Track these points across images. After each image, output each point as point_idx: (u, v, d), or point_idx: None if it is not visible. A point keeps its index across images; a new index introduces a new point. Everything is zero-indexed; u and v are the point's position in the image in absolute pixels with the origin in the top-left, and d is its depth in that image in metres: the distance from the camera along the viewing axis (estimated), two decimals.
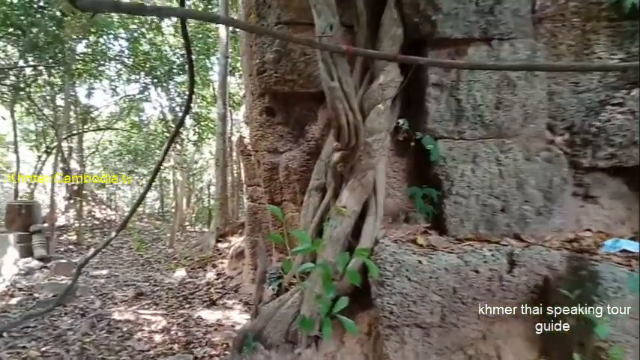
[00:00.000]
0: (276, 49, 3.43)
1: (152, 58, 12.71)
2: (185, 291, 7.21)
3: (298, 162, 3.73)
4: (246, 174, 7.49)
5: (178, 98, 14.00)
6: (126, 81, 14.65)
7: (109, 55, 12.92)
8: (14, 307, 6.21)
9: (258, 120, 4.17)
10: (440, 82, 2.84)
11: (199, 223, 20.80)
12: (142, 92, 14.72)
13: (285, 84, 3.51)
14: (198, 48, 11.43)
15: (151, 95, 15.38)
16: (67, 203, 16.26)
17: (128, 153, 19.59)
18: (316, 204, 3.18)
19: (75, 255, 11.33)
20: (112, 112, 17.24)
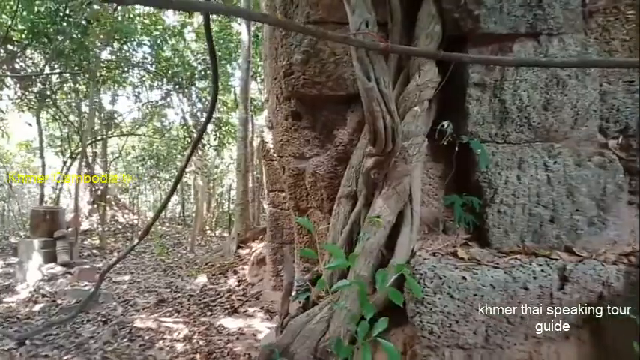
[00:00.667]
0: (305, 49, 3.27)
1: (174, 64, 12.73)
2: (206, 298, 7.09)
3: (326, 168, 3.55)
4: (268, 179, 7.36)
5: (200, 104, 14.02)
6: (149, 87, 14.72)
7: (132, 62, 12.99)
8: (37, 314, 6.17)
9: (283, 124, 4.02)
10: (482, 82, 2.64)
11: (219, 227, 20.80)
12: (164, 98, 14.78)
13: (314, 86, 3.34)
14: (220, 53, 11.38)
15: (173, 101, 15.43)
16: (90, 208, 16.42)
17: (150, 158, 19.72)
18: (346, 213, 3.00)
19: (98, 259, 11.36)
20: (134, 118, 17.38)
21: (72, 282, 7.03)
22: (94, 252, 12.34)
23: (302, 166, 3.97)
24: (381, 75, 2.32)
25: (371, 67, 2.30)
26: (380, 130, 2.33)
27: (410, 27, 2.83)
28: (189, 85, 13.08)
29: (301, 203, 4.07)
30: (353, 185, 3.02)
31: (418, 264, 2.43)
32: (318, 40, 3.25)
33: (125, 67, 12.71)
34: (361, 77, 2.31)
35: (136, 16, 11.98)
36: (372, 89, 2.28)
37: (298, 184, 4.02)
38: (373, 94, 2.29)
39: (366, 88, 2.30)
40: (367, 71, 2.31)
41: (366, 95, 2.31)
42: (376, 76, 2.30)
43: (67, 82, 12.72)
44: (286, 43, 3.52)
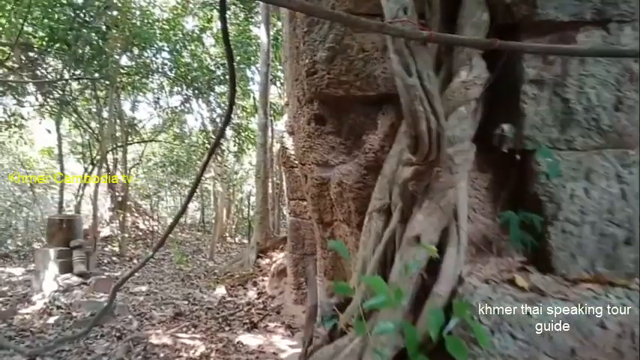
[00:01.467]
0: (330, 45, 2.92)
1: (193, 69, 12.55)
2: (225, 311, 6.78)
3: (354, 177, 3.19)
4: (289, 187, 7.04)
5: (219, 109, 13.81)
6: (168, 93, 14.59)
7: (151, 68, 12.85)
8: (51, 327, 5.95)
9: (305, 129, 3.67)
10: (540, 78, 2.24)
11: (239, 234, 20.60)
12: (183, 104, 14.62)
13: (340, 86, 2.99)
14: (239, 57, 11.14)
15: (192, 107, 15.28)
16: (111, 214, 16.35)
17: (171, 164, 19.66)
18: (379, 229, 2.63)
19: (117, 267, 11.20)
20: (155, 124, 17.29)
21: (87, 293, 6.80)
22: (113, 259, 12.20)
23: (326, 175, 3.61)
24: (424, 69, 1.95)
25: (412, 60, 1.93)
26: (422, 135, 1.96)
27: (451, 16, 2.46)
28: (209, 90, 12.88)
29: (325, 215, 3.71)
30: (386, 198, 2.65)
31: (468, 293, 2.05)
32: (345, 35, 2.91)
33: (145, 73, 12.57)
34: (400, 72, 1.95)
35: (155, 21, 11.83)
36: (413, 86, 1.92)
37: (322, 194, 3.66)
38: (415, 91, 1.92)
39: (406, 84, 1.93)
40: (407, 65, 1.94)
41: (406, 93, 1.94)
42: (418, 71, 1.93)
43: (87, 89, 12.65)
44: (309, 39, 3.18)
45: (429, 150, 2.01)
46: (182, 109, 15.23)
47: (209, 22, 12.00)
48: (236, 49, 10.89)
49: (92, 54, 10.74)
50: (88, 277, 7.24)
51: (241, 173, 21.77)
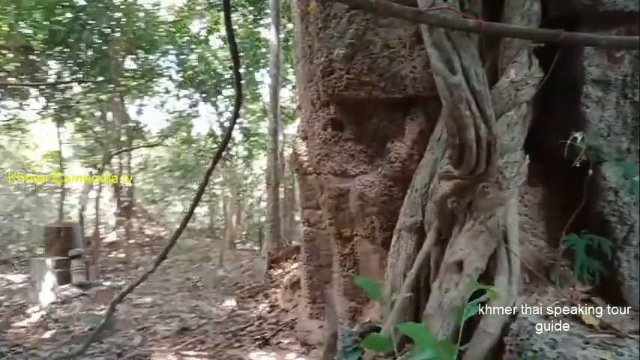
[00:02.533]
0: (349, 41, 2.60)
1: (201, 73, 12.28)
2: (234, 325, 6.44)
3: (378, 190, 2.86)
4: (302, 195, 6.68)
5: (227, 113, 13.51)
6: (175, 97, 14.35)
7: (157, 72, 12.59)
8: (46, 342, 5.63)
9: (321, 135, 3.35)
10: (605, 78, 1.91)
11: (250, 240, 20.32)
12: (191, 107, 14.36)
13: (360, 88, 2.66)
14: (248, 60, 10.83)
15: (199, 111, 15.03)
16: (117, 219, 16.12)
17: (179, 169, 19.40)
18: (410, 250, 2.30)
19: (122, 275, 10.90)
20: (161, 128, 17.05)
21: (87, 305, 6.50)
22: (118, 267, 11.91)
23: (345, 186, 3.28)
24: (470, 66, 1.61)
25: (455, 55, 1.60)
26: (469, 144, 1.63)
27: (496, 6, 2.13)
28: (216, 93, 12.59)
29: (344, 230, 3.38)
30: (417, 214, 2.31)
31: (525, 332, 1.71)
32: (367, 30, 2.58)
33: (150, 77, 12.31)
34: (441, 69, 1.61)
35: (161, 23, 11.58)
36: (458, 86, 1.58)
37: (341, 206, 3.34)
38: (460, 92, 1.58)
39: (448, 84, 1.60)
40: (450, 61, 1.61)
41: (449, 95, 1.61)
42: (464, 68, 1.60)
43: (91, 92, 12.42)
44: (325, 35, 2.86)
45: (476, 162, 1.68)
46: (189, 113, 14.97)
47: (216, 23, 11.73)
48: (245, 52, 10.61)
49: (94, 57, 10.50)
50: (87, 288, 6.93)
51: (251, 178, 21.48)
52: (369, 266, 3.25)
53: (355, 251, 3.38)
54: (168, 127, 16.90)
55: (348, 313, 3.52)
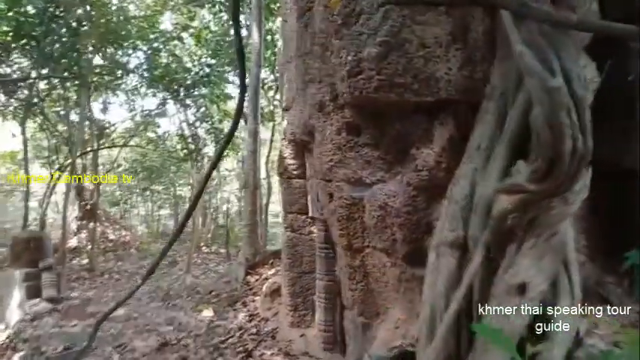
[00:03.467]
0: (383, 39, 2.39)
1: (172, 71, 11.82)
2: (215, 338, 6.12)
3: (402, 200, 2.67)
4: (286, 199, 6.44)
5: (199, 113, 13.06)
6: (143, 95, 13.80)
7: (127, 68, 12.05)
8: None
9: (334, 141, 3.13)
10: None
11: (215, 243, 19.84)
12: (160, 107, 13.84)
13: (392, 90, 2.46)
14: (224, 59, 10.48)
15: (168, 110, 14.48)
16: (79, 224, 15.36)
17: (143, 170, 18.73)
18: (452, 268, 2.10)
19: (87, 284, 10.33)
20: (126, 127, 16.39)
21: (59, 321, 6.01)
22: (82, 275, 11.27)
23: (358, 195, 3.07)
24: (573, 68, 1.44)
25: (553, 54, 1.43)
26: (564, 157, 1.45)
27: None
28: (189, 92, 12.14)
29: (355, 241, 3.17)
30: (458, 229, 2.12)
31: None
32: (403, 27, 2.39)
33: (120, 74, 11.77)
34: (537, 70, 1.43)
35: (132, 18, 11.09)
36: (558, 90, 1.40)
37: (352, 216, 3.12)
38: (561, 97, 1.41)
39: (548, 88, 1.42)
40: (548, 62, 1.43)
41: (548, 100, 1.43)
42: (565, 70, 1.42)
43: (56, 89, 11.75)
44: (351, 33, 2.64)
45: (566, 175, 1.50)
46: (158, 112, 14.43)
47: (191, 20, 11.32)
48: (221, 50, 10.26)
49: (62, 51, 9.91)
50: (59, 303, 6.43)
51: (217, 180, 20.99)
52: (383, 280, 3.05)
53: (366, 263, 3.18)
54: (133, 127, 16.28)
55: (355, 329, 3.31)
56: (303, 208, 6.31)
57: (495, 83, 2.24)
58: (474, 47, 2.36)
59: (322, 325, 5.92)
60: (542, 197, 1.67)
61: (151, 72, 12.16)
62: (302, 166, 6.28)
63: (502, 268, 1.87)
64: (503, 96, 2.17)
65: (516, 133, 2.02)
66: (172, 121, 19.95)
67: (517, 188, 1.71)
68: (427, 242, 2.67)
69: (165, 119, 16.68)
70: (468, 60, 2.36)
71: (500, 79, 2.22)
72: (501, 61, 2.27)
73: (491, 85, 2.26)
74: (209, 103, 12.01)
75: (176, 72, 11.83)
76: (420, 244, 2.68)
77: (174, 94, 11.94)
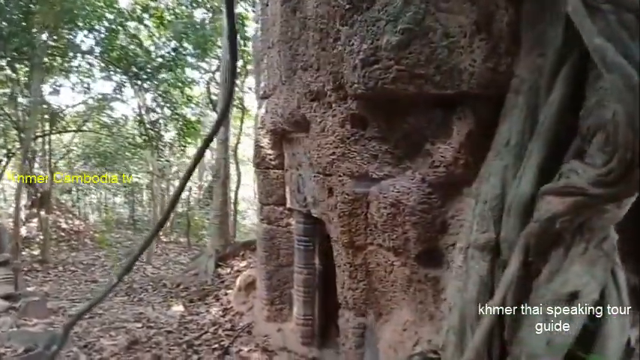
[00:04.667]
0: (405, 27, 2.22)
1: (131, 53, 11.21)
2: (187, 334, 5.88)
3: (416, 197, 2.53)
4: (262, 191, 6.22)
5: (160, 98, 12.51)
6: (98, 78, 13.09)
7: (82, 50, 11.34)
8: None
9: (337, 133, 2.96)
10: None
11: (175, 233, 19.34)
12: (116, 90, 13.17)
13: (412, 81, 2.31)
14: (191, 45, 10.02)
15: (125, 94, 13.81)
16: (28, 212, 14.52)
17: (97, 156, 17.87)
18: (483, 272, 1.99)
19: (40, 277, 9.75)
20: (78, 111, 15.53)
21: (17, 320, 5.58)
22: (35, 267, 10.63)
23: (362, 190, 2.92)
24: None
25: (637, 48, 1.31)
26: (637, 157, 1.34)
27: None
28: (149, 76, 11.57)
29: (357, 238, 3.02)
30: (490, 230, 2.01)
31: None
32: (427, 14, 2.23)
33: (74, 55, 11.07)
34: (622, 66, 1.31)
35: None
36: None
37: (355, 212, 2.97)
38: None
39: (633, 85, 1.29)
40: (631, 56, 1.31)
41: (628, 92, 1.31)
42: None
43: (4, 70, 10.95)
44: (365, 19, 2.46)
45: None
46: (114, 97, 13.75)
47: None
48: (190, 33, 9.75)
49: (12, 31, 9.20)
50: (17, 300, 5.97)
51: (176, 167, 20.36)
52: (388, 280, 2.92)
53: (368, 261, 3.04)
54: (86, 111, 15.48)
55: (355, 330, 3.18)
56: (280, 200, 6.12)
57: (524, 77, 2.13)
58: (499, 38, 2.23)
59: (301, 320, 5.79)
60: (605, 201, 1.57)
61: (108, 54, 11.53)
62: (280, 156, 6.07)
63: (545, 274, 1.77)
64: (533, 90, 2.07)
65: (553, 130, 1.93)
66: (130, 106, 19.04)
67: (574, 190, 1.60)
68: (441, 242, 2.57)
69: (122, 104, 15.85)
70: (492, 52, 2.23)
71: (528, 73, 2.12)
72: (528, 54, 2.16)
73: (519, 78, 2.15)
74: (172, 88, 11.51)
75: (135, 54, 11.25)
76: (434, 244, 2.56)
77: (135, 77, 11.37)
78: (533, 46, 2.14)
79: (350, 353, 3.20)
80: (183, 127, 12.28)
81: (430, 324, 2.61)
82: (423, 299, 2.65)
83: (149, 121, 12.89)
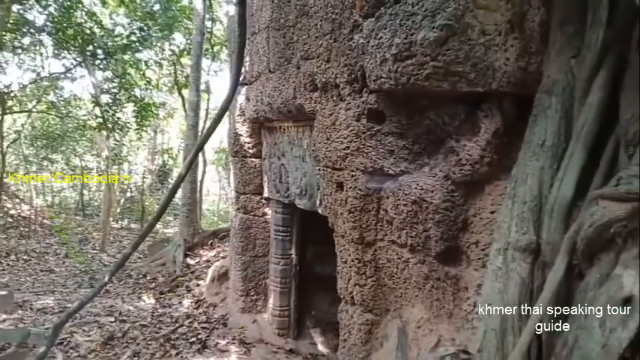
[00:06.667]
0: (445, 23, 2.17)
1: (89, 31, 10.59)
2: (163, 328, 5.69)
3: (440, 195, 2.51)
4: (239, 180, 6.08)
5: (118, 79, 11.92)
6: (50, 56, 12.31)
7: (34, 26, 10.60)
8: None
9: (351, 127, 2.88)
10: None
11: (126, 218, 18.70)
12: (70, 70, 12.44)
13: (446, 78, 2.26)
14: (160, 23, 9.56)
15: (78, 73, 13.07)
16: None
17: (44, 138, 16.89)
18: (525, 274, 1.99)
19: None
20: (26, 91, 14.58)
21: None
22: None
23: (375, 186, 2.88)
24: None
25: None
26: None
27: None
28: (106, 56, 10.99)
29: (368, 234, 2.98)
30: (530, 232, 2.01)
31: None
32: (466, 11, 2.18)
33: (25, 31, 10.34)
34: None
35: None
36: None
37: (366, 208, 2.93)
38: None
39: None
40: None
41: None
42: None
43: None
44: (393, 12, 2.39)
45: None
46: (68, 76, 13.01)
47: None
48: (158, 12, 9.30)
49: None
50: None
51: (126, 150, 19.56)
52: (400, 276, 2.90)
53: (378, 257, 3.01)
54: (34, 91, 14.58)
55: (362, 326, 3.15)
56: (257, 189, 6.00)
57: (556, 77, 2.13)
58: (530, 38, 2.22)
59: (277, 310, 5.74)
60: None
61: (63, 31, 10.84)
62: (258, 144, 5.93)
63: (594, 277, 1.78)
64: (567, 92, 2.07)
65: (592, 134, 1.94)
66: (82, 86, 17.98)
67: (635, 197, 1.62)
68: (462, 240, 2.57)
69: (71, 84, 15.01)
70: (524, 51, 2.22)
71: (561, 74, 2.12)
72: (559, 55, 2.16)
73: (551, 79, 2.15)
74: (132, 70, 10.98)
75: (93, 33, 10.65)
76: (455, 242, 2.56)
77: (92, 57, 10.76)
78: (564, 48, 2.14)
79: (354, 349, 3.17)
80: (141, 110, 11.76)
81: (448, 322, 2.61)
82: (441, 297, 2.64)
83: (105, 103, 12.29)
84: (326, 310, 5.79)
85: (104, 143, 14.87)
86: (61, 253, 11.12)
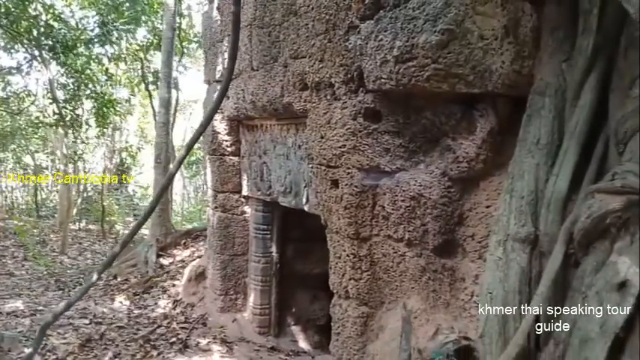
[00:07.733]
0: (447, 27, 2.28)
1: (46, 24, 10.18)
2: (141, 329, 5.62)
3: (438, 191, 2.63)
4: (218, 178, 6.06)
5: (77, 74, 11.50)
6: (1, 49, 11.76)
7: None
8: None
9: (348, 125, 2.97)
10: None
11: (83, 219, 18.08)
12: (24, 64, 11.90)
13: (446, 80, 2.39)
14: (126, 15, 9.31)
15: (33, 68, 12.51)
16: None
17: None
18: (524, 264, 2.14)
19: None
20: None
21: None
22: None
23: (370, 183, 2.98)
24: None
25: None
26: None
27: None
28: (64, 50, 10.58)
29: (363, 230, 3.08)
30: (528, 224, 2.16)
31: None
32: (466, 17, 2.30)
33: None
34: None
35: None
36: None
37: (362, 204, 3.03)
38: None
39: None
40: None
41: None
42: None
43: None
44: (394, 15, 2.49)
45: None
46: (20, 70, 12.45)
47: None
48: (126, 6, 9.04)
49: None
50: None
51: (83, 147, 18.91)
52: (396, 270, 3.02)
53: (373, 252, 3.12)
54: None
55: (357, 319, 3.25)
56: (236, 187, 6.00)
57: (548, 80, 2.29)
58: (523, 42, 2.37)
59: (257, 309, 5.78)
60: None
61: (17, 23, 10.38)
62: (237, 142, 5.94)
63: (590, 264, 1.94)
64: (559, 93, 2.24)
65: (585, 133, 2.11)
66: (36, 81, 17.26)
67: (630, 190, 1.78)
68: (458, 233, 2.71)
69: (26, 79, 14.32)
70: (518, 55, 2.37)
71: (553, 76, 2.28)
72: (551, 58, 2.32)
73: (544, 81, 2.31)
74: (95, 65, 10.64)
75: (50, 26, 10.24)
76: (452, 236, 2.69)
77: (50, 50, 10.35)
78: (555, 52, 2.31)
79: (350, 342, 3.26)
80: (101, 107, 11.39)
81: (445, 311, 2.75)
82: (437, 288, 2.77)
83: (63, 99, 11.84)
84: (307, 308, 5.87)
85: (60, 141, 14.35)
86: (18, 256, 10.69)
